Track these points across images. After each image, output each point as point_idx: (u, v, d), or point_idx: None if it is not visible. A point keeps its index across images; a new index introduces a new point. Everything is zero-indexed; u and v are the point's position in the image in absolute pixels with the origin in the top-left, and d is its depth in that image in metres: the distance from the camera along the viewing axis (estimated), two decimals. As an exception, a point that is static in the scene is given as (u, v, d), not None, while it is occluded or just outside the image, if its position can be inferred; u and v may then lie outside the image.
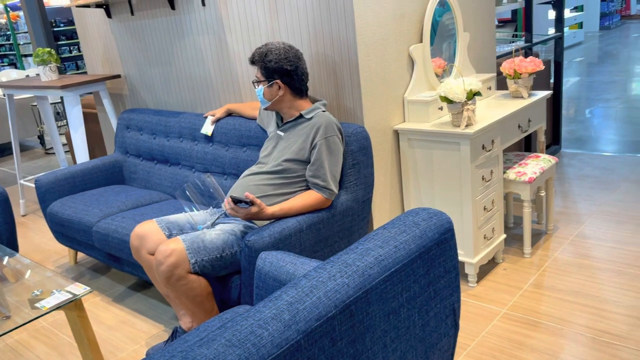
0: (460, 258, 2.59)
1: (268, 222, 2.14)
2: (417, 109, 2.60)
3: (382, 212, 2.62)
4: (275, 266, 1.70)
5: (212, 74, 3.01)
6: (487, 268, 2.75)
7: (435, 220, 1.32)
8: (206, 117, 2.89)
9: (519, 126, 2.75)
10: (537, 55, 4.10)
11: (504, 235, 2.77)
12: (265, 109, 2.30)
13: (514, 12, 10.58)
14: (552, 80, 4.27)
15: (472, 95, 2.39)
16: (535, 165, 2.79)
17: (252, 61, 2.25)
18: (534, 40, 3.86)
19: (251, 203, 2.01)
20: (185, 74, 3.17)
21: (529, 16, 3.71)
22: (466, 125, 2.41)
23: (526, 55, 3.77)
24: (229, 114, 2.84)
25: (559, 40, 4.14)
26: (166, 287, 1.99)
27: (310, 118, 2.23)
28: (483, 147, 2.48)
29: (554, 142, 4.39)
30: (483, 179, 2.52)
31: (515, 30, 10.47)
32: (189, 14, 2.98)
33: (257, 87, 2.27)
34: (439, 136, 2.47)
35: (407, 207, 2.72)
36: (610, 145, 4.50)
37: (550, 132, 4.32)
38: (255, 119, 2.67)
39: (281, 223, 2.09)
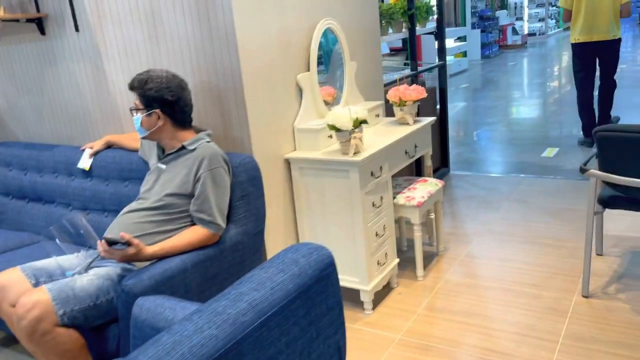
0: (355, 285, 2.57)
1: (149, 263, 1.98)
2: (307, 138, 2.58)
3: (276, 243, 2.55)
4: (153, 313, 1.55)
5: (89, 103, 2.80)
6: (382, 293, 2.76)
7: (316, 256, 1.26)
8: (84, 150, 2.67)
9: (406, 152, 2.81)
10: (423, 83, 4.28)
11: (397, 260, 2.80)
12: (143, 138, 2.16)
13: (404, 41, 11.17)
14: (438, 107, 4.48)
15: (359, 123, 2.40)
16: (423, 189, 2.86)
17: (131, 87, 2.11)
18: (420, 68, 4.02)
19: (128, 244, 1.85)
20: (59, 104, 2.93)
21: (413, 46, 3.87)
22: (354, 153, 2.41)
23: (412, 83, 3.92)
24: (109, 146, 2.64)
25: (442, 68, 4.36)
26: (30, 344, 1.77)
27: (194, 149, 2.12)
28: (372, 174, 2.49)
29: (442, 165, 4.58)
30: (373, 205, 2.54)
31: (407, 58, 11.04)
32: (61, 40, 2.77)
33: (134, 115, 2.12)
34: (329, 164, 2.46)
35: (301, 237, 2.66)
36: (494, 166, 4.78)
37: (438, 155, 4.51)
38: (137, 151, 2.50)
39: (163, 263, 1.94)
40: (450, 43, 11.80)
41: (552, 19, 18.12)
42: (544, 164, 4.68)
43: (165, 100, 2.08)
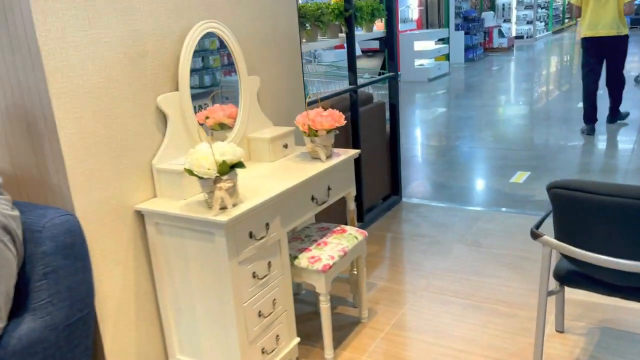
0: (230, 382, 1.92)
1: None
2: (169, 181, 1.92)
3: (123, 327, 1.89)
4: None
5: None
6: (276, 383, 2.11)
7: None
8: None
9: (313, 198, 2.16)
10: (370, 97, 3.63)
11: (297, 339, 2.15)
12: None
13: (382, 42, 10.48)
14: (388, 124, 3.84)
15: (228, 168, 1.75)
16: (336, 245, 2.22)
17: None
18: (362, 80, 3.37)
19: None
20: None
21: (352, 55, 3.21)
22: (221, 209, 1.76)
23: (352, 101, 3.27)
24: None
25: (392, 80, 3.71)
26: None
27: (-38, 210, 1.46)
28: (251, 236, 1.84)
29: (393, 191, 3.94)
30: (255, 276, 1.88)
31: (384, 62, 10.37)
32: None
33: None
34: (188, 222, 1.80)
35: (163, 314, 2.00)
36: (453, 193, 4.14)
37: (388, 181, 3.87)
38: None
39: None
40: (430, 45, 11.17)
41: (540, 22, 17.54)
42: (510, 192, 4.05)
43: None
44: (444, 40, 12.23)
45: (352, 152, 2.38)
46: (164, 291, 1.97)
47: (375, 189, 3.71)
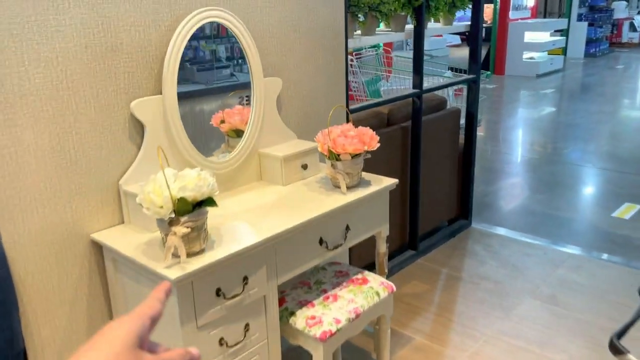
0: None
1: None
2: (138, 206, 1.54)
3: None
4: None
5: None
6: None
7: None
8: None
9: (322, 241, 1.69)
10: (442, 103, 3.05)
11: (285, 415, 1.72)
12: None
13: (486, 30, 9.51)
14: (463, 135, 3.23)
15: (190, 207, 1.32)
16: (349, 302, 1.74)
17: None
18: (428, 84, 2.80)
19: None
20: None
21: (419, 50, 2.64)
22: (176, 256, 1.35)
23: (414, 108, 2.72)
24: None
25: (472, 84, 3.09)
26: None
27: None
28: (219, 294, 1.42)
29: (461, 214, 3.35)
30: (222, 343, 1.46)
31: (488, 55, 9.41)
32: None
33: None
34: (141, 268, 1.41)
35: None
36: (537, 223, 3.46)
37: (455, 201, 3.28)
38: None
39: None
40: (544, 37, 10.01)
41: (684, 16, 15.26)
42: (610, 230, 3.29)
43: None
44: (562, 32, 10.94)
45: (387, 183, 1.87)
46: (123, 339, 1.61)
47: (438, 210, 3.15)
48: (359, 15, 2.32)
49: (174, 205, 1.30)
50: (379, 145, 1.80)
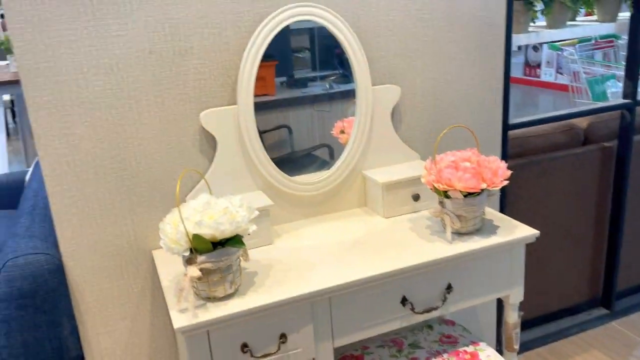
0: None
1: None
2: (199, 228, 1.39)
3: (130, 384, 1.53)
4: None
5: None
6: None
7: None
8: None
9: (405, 301, 1.30)
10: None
11: None
12: None
13: None
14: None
15: (210, 245, 1.11)
16: (437, 385, 1.32)
17: None
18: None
19: None
20: None
21: (634, 51, 1.92)
22: (186, 301, 1.15)
23: (623, 124, 2.01)
24: None
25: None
26: None
27: None
28: (244, 350, 1.18)
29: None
30: (250, 405, 1.23)
31: None
32: None
33: None
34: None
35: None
36: None
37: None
38: None
39: None
40: None
41: None
42: None
43: None
44: None
45: (523, 233, 1.36)
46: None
47: (653, 262, 2.34)
48: (535, 4, 1.76)
49: (190, 242, 1.10)
50: (505, 183, 1.31)
